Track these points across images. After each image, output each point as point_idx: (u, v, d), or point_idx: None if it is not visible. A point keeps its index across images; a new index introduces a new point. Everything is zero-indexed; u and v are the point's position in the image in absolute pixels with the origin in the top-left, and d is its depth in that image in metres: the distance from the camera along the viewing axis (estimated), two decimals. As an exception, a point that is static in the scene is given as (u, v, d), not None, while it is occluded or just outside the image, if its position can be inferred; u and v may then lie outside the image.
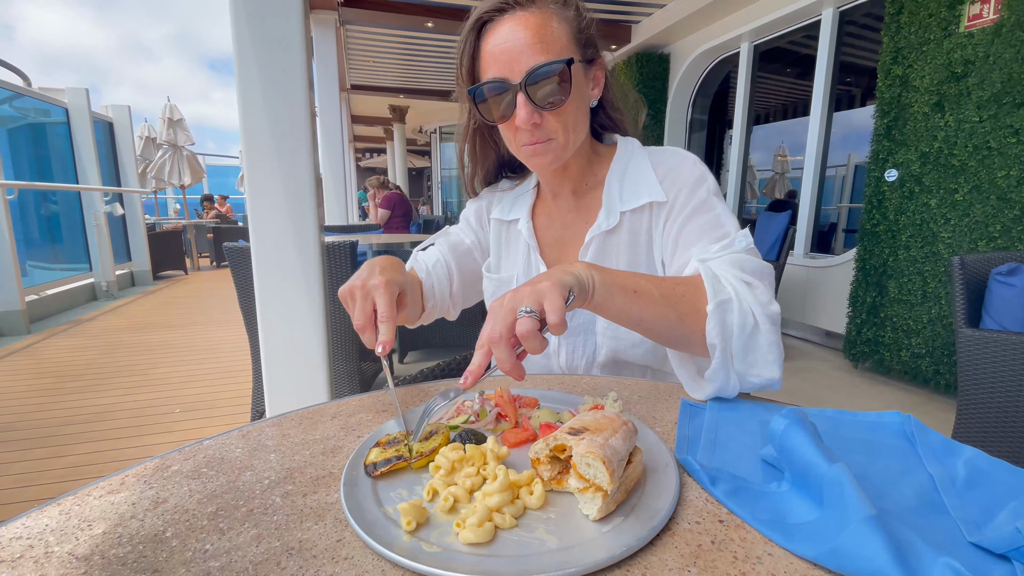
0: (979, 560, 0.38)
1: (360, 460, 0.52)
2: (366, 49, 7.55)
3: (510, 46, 0.76)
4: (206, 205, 11.37)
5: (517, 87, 0.76)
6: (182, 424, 2.67)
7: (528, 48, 0.75)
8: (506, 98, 0.78)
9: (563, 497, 0.47)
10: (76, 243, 6.45)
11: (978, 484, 0.46)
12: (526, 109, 0.76)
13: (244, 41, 1.46)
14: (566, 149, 0.82)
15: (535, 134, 0.79)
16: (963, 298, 1.80)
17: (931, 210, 3.01)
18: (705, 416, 0.62)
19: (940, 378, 3.02)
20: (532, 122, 0.77)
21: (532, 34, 0.75)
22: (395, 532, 0.42)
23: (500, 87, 0.77)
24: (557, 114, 0.78)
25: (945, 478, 0.48)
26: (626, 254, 0.88)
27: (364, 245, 3.80)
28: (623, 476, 0.44)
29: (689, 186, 0.83)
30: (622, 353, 0.88)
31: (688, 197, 0.83)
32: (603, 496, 0.42)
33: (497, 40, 0.77)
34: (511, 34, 0.76)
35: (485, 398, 0.64)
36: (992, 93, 2.68)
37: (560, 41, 0.77)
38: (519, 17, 0.76)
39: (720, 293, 0.66)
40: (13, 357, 3.87)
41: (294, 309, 1.62)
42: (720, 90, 6.34)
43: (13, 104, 5.64)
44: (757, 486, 0.48)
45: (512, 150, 0.87)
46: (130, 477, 0.50)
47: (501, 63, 0.76)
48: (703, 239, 0.79)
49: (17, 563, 0.38)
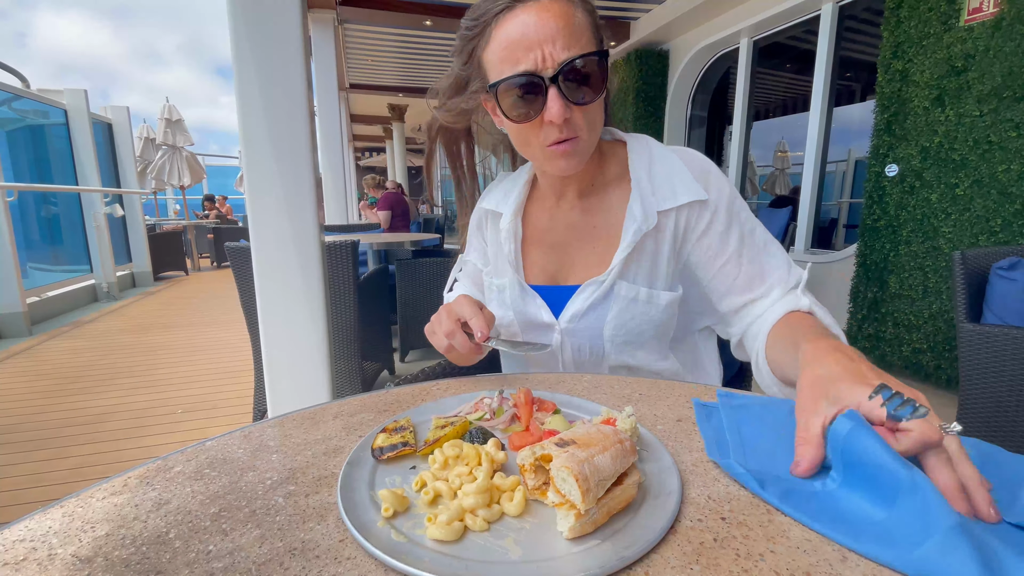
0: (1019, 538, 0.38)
1: (370, 443, 0.55)
2: (365, 48, 7.55)
3: (541, 35, 0.69)
4: (207, 205, 11.37)
5: (550, 80, 0.70)
6: (184, 425, 2.67)
7: (559, 38, 0.69)
8: (531, 93, 0.71)
9: (546, 509, 0.45)
10: (76, 244, 6.45)
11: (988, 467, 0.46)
12: (559, 104, 0.70)
13: (242, 41, 1.46)
14: (590, 148, 0.78)
15: (564, 131, 0.73)
16: (964, 293, 1.80)
17: (932, 205, 3.01)
18: (721, 415, 0.61)
19: (941, 373, 3.02)
20: (564, 117, 0.71)
21: (563, 24, 0.69)
22: (373, 516, 0.43)
23: (530, 81, 0.70)
24: (586, 110, 0.73)
25: None
26: (651, 258, 0.84)
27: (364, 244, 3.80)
28: (606, 497, 0.42)
29: (726, 204, 0.82)
30: (629, 357, 0.87)
31: (729, 216, 0.82)
32: (576, 515, 0.40)
33: (523, 29, 0.70)
34: (540, 22, 0.69)
35: (504, 397, 0.64)
36: (993, 87, 2.67)
37: (586, 32, 0.72)
38: (544, 4, 0.70)
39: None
40: (15, 359, 3.88)
41: (295, 309, 1.62)
42: (720, 86, 6.33)
43: (12, 106, 5.64)
44: (806, 486, 0.47)
45: (526, 152, 0.81)
46: (133, 478, 0.50)
47: (531, 54, 0.70)
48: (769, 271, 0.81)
49: (21, 566, 0.38)
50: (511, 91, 0.72)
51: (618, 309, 0.84)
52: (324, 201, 5.97)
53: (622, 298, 0.84)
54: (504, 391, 0.65)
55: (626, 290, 0.84)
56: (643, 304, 0.84)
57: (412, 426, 0.58)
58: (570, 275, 0.90)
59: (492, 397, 0.64)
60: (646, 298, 0.84)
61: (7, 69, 5.69)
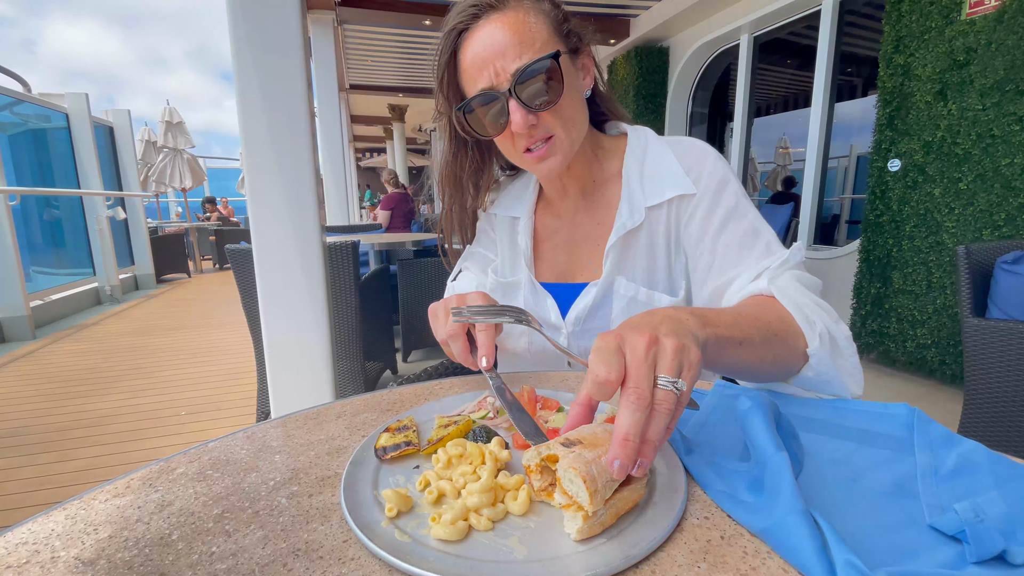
0: (932, 541, 0.39)
1: (373, 442, 0.54)
2: (364, 48, 7.55)
3: (490, 52, 0.72)
4: (207, 208, 11.39)
5: (507, 94, 0.72)
6: (188, 426, 2.68)
7: (509, 50, 0.71)
8: (497, 108, 0.74)
9: (551, 508, 0.45)
10: (79, 248, 6.47)
11: (964, 474, 0.46)
12: (520, 113, 0.72)
13: (242, 43, 1.46)
14: (570, 146, 0.78)
15: (534, 135, 0.75)
16: (969, 287, 1.79)
17: (935, 199, 3.00)
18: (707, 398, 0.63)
19: (946, 368, 3.01)
20: (529, 124, 0.73)
21: (511, 34, 0.71)
22: (377, 516, 0.43)
23: (489, 97, 0.73)
24: (553, 111, 0.74)
25: (928, 467, 0.48)
26: (646, 255, 0.84)
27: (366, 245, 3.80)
28: (614, 498, 0.41)
29: (714, 187, 0.79)
30: None
31: (714, 200, 0.79)
32: (584, 517, 0.39)
33: (476, 48, 0.73)
34: (489, 39, 0.72)
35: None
36: (995, 81, 2.66)
37: (541, 36, 0.73)
38: (494, 20, 0.72)
39: (814, 331, 0.63)
40: (18, 362, 3.89)
41: (297, 309, 1.62)
42: (720, 83, 6.31)
43: (14, 110, 5.65)
44: (730, 463, 0.49)
45: (515, 161, 0.82)
46: (135, 480, 0.50)
47: (484, 72, 0.73)
48: (747, 253, 0.76)
49: (23, 568, 0.38)
50: (477, 110, 0.75)
51: (620, 308, 0.84)
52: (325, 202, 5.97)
53: (622, 296, 0.84)
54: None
55: (624, 288, 0.84)
56: (643, 306, 0.83)
57: (415, 425, 0.57)
58: (577, 272, 0.91)
59: (495, 396, 0.64)
60: (646, 299, 0.83)
61: (8, 73, 5.70)
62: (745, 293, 0.72)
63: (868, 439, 0.54)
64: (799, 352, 0.63)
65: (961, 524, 0.38)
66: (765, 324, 0.62)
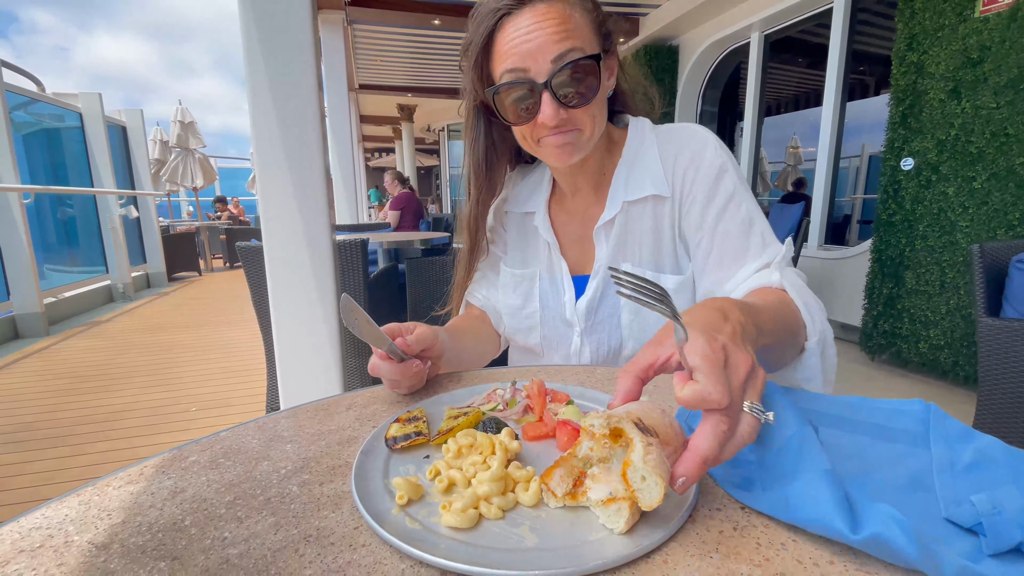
0: (948, 533, 0.39)
1: (384, 432, 0.54)
2: (374, 48, 7.58)
3: (533, 40, 0.70)
4: (218, 207, 11.47)
5: (542, 85, 0.71)
6: (197, 422, 2.70)
7: (553, 42, 0.70)
8: (526, 96, 0.73)
9: None
10: (92, 246, 6.55)
11: (980, 468, 0.46)
12: (552, 107, 0.72)
13: (253, 44, 1.47)
14: (590, 142, 0.79)
15: (559, 129, 0.75)
16: (983, 287, 1.77)
17: (948, 199, 2.96)
18: None
19: (959, 369, 2.97)
20: (559, 119, 0.73)
21: (555, 26, 0.70)
22: (387, 503, 0.43)
23: (522, 84, 0.72)
24: (584, 109, 0.75)
25: (944, 460, 0.47)
26: (651, 238, 0.84)
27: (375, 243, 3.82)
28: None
29: (714, 176, 0.79)
30: None
31: (713, 188, 0.79)
32: (630, 506, 0.39)
33: (517, 33, 0.71)
34: (534, 26, 0.70)
35: (517, 388, 0.63)
36: (1009, 79, 2.62)
37: (583, 33, 0.73)
38: (540, 9, 0.71)
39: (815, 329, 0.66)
40: (32, 358, 3.94)
41: (307, 307, 1.63)
42: (730, 81, 6.28)
43: (28, 110, 5.73)
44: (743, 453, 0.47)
45: (528, 148, 0.82)
46: (148, 468, 0.51)
47: (522, 59, 0.71)
48: (744, 242, 0.77)
49: (37, 552, 0.39)
50: (507, 95, 0.75)
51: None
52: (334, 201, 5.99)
53: None
54: (517, 383, 0.65)
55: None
56: None
57: (425, 416, 0.57)
58: (587, 265, 0.91)
59: (505, 388, 0.64)
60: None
61: (23, 73, 5.77)
62: (754, 283, 0.72)
63: (883, 434, 0.53)
64: (799, 348, 0.66)
65: (978, 516, 0.38)
66: (786, 325, 0.63)
